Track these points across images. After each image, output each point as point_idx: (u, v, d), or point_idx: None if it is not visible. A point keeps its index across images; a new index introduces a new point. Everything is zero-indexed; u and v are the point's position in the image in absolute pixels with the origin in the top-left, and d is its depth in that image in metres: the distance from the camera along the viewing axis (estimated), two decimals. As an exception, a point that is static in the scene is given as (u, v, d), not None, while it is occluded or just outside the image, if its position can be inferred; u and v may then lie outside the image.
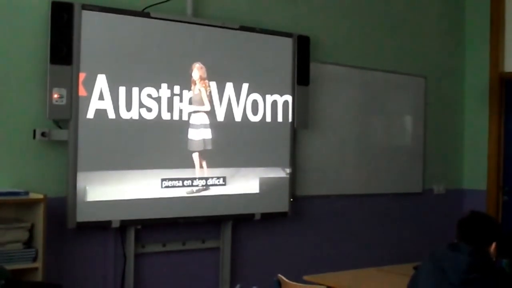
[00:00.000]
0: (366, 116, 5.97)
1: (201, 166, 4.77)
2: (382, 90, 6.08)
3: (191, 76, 4.69)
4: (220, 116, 4.86)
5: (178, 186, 4.67)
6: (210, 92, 4.77)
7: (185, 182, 4.71)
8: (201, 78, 4.72)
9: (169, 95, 4.62)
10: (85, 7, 4.24)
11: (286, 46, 5.20)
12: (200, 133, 4.75)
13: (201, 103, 4.75)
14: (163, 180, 4.61)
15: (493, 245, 3.14)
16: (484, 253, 3.07)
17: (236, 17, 5.05)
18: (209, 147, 4.79)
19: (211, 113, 4.80)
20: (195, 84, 4.71)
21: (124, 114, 4.43)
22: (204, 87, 4.73)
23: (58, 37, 4.14)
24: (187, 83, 4.69)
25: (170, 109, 4.63)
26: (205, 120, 4.78)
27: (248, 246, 5.21)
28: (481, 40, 6.67)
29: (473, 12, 6.82)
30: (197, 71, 4.71)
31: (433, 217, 6.47)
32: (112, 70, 4.38)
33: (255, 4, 5.26)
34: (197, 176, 4.76)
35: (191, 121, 4.71)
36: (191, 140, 4.72)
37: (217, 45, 4.86)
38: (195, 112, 4.73)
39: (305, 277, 4.16)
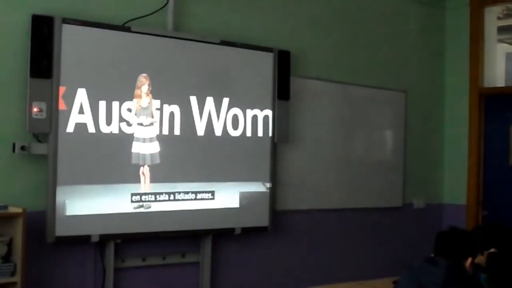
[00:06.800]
0: (346, 131, 6.00)
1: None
2: (363, 105, 6.11)
3: (139, 88, 4.57)
4: (200, 131, 4.86)
5: (158, 201, 4.66)
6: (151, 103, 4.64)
7: (163, 196, 4.71)
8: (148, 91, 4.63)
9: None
10: (65, 21, 4.24)
11: (266, 60, 5.22)
12: (147, 147, 4.62)
13: (150, 115, 4.63)
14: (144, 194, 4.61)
15: (469, 260, 3.16)
16: (460, 267, 3.10)
17: (217, 32, 5.07)
18: (150, 162, 4.62)
19: (191, 128, 4.80)
20: (140, 97, 4.57)
21: (104, 128, 4.42)
22: (151, 98, 4.63)
23: (38, 51, 4.14)
24: (168, 98, 4.69)
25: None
26: (153, 133, 4.65)
27: (228, 261, 5.20)
28: (461, 55, 6.73)
29: (453, 28, 6.89)
30: (146, 82, 4.60)
31: (413, 231, 6.49)
32: (93, 84, 4.38)
33: (235, 19, 5.28)
34: (175, 190, 4.76)
35: (136, 135, 4.57)
36: (134, 153, 4.57)
37: (197, 59, 4.87)
38: (141, 125, 4.59)
39: (285, 291, 4.17)
